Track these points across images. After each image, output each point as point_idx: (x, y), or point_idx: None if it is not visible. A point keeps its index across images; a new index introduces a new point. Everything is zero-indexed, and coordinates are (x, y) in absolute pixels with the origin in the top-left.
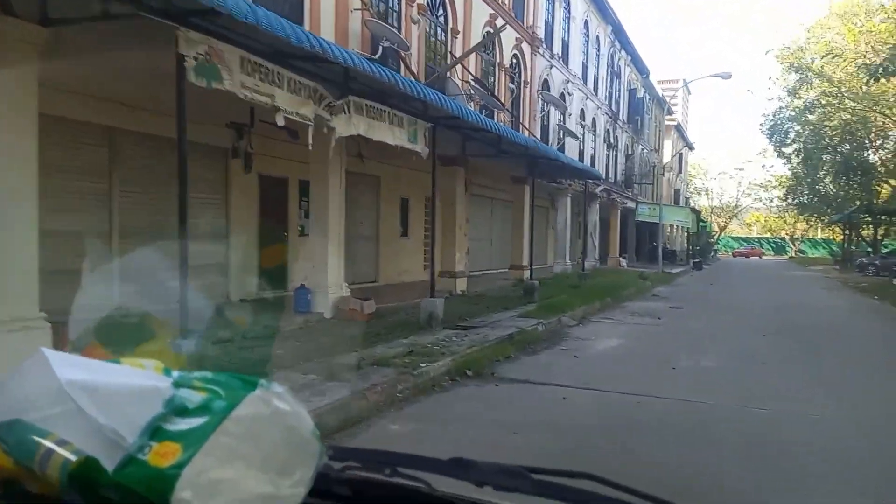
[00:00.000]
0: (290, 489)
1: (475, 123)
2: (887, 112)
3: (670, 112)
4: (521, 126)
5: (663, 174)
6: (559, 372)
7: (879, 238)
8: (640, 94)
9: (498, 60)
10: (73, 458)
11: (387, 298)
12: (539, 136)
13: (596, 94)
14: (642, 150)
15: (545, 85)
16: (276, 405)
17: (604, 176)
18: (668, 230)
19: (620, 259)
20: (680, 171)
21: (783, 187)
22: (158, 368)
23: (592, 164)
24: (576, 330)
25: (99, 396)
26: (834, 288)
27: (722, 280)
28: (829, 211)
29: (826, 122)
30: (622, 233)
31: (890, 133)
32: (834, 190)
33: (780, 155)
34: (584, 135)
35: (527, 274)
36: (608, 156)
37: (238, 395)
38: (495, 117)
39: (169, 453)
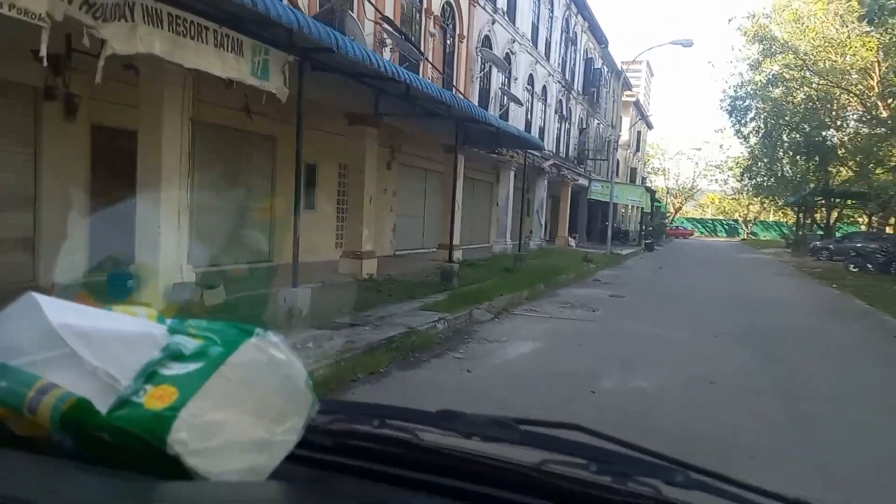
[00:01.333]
0: (283, 436)
1: (366, 64)
2: (851, 89)
3: (629, 87)
4: (454, 87)
5: (615, 150)
6: (432, 399)
7: (832, 222)
8: (598, 64)
9: (424, 6)
10: (65, 400)
11: (277, 283)
12: (478, 101)
13: (548, 59)
14: (598, 125)
15: (486, 42)
16: (272, 353)
17: (553, 150)
18: (623, 210)
19: (569, 239)
20: (637, 150)
21: (739, 168)
22: (152, 316)
23: (541, 135)
24: (487, 327)
25: (92, 341)
26: (789, 274)
27: (673, 262)
28: (784, 192)
29: (789, 98)
30: (573, 211)
31: (852, 113)
32: (791, 171)
33: (739, 135)
34: (532, 103)
35: (456, 254)
36: (560, 128)
37: (235, 341)
38: (422, 74)
39: (165, 396)
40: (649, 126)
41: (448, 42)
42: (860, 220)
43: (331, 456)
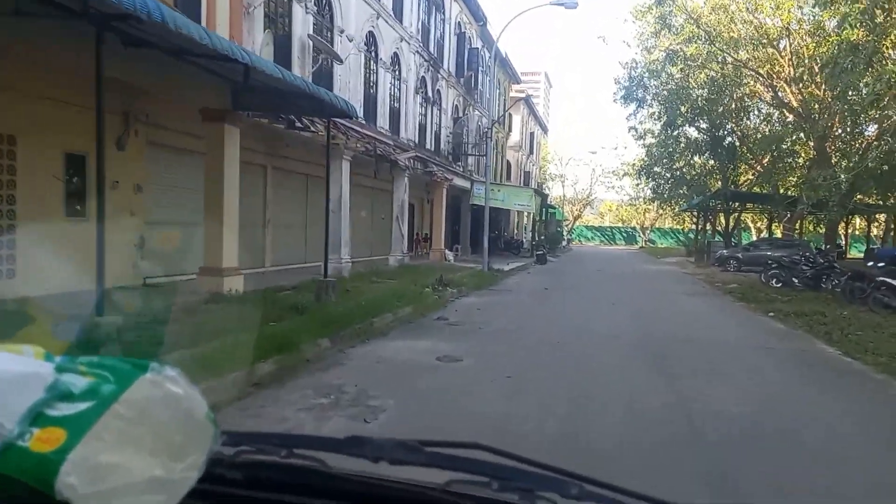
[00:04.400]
0: (182, 473)
1: None
2: (759, 69)
3: (516, 79)
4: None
5: (490, 140)
6: None
7: (731, 228)
8: (476, 43)
9: None
10: None
11: None
12: (274, 54)
13: (399, 20)
14: (480, 117)
15: None
16: (169, 388)
17: (414, 140)
18: (516, 217)
19: (447, 252)
20: (531, 153)
21: (635, 170)
22: (39, 354)
23: (395, 119)
24: None
25: None
26: (703, 293)
27: (565, 279)
28: (684, 195)
29: (689, 80)
30: (453, 218)
31: (755, 103)
32: (690, 171)
33: (633, 132)
34: (376, 71)
35: (229, 283)
36: (425, 114)
37: (128, 378)
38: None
39: (52, 439)
40: (544, 129)
41: None
42: (755, 225)
43: (237, 489)
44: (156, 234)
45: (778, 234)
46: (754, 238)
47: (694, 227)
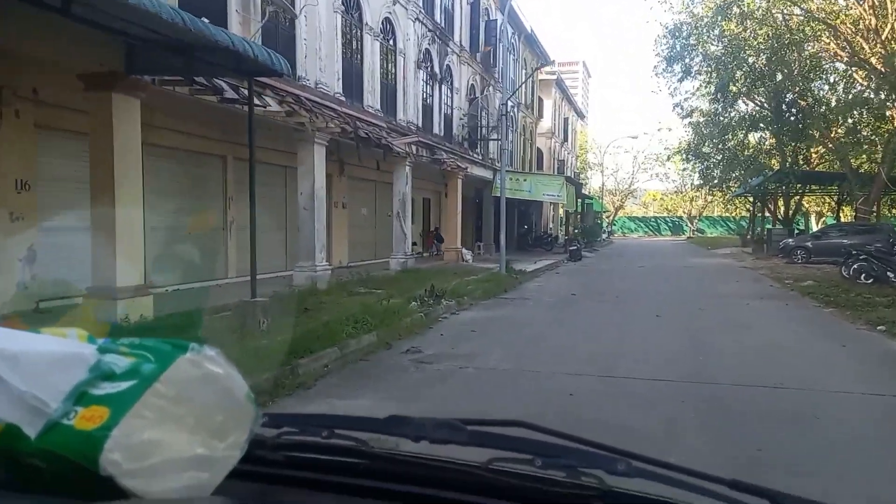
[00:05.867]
0: (225, 451)
1: None
2: (834, 22)
3: (546, 60)
4: None
5: (506, 119)
6: None
7: (791, 213)
8: (494, 15)
9: None
10: None
11: None
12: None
13: None
14: (504, 99)
15: None
16: (208, 368)
17: (417, 123)
18: (550, 210)
19: (463, 251)
20: (565, 140)
21: (681, 153)
22: (82, 336)
23: (390, 96)
24: None
25: (19, 364)
26: (774, 294)
27: (599, 280)
28: (737, 176)
29: (745, 37)
30: (475, 213)
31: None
32: (744, 151)
33: (678, 109)
34: (359, 36)
35: (128, 308)
36: (430, 93)
37: (168, 358)
38: None
39: (96, 416)
40: (580, 114)
41: None
42: (814, 210)
43: (280, 469)
44: (51, 244)
45: (844, 218)
46: (815, 225)
47: (748, 213)
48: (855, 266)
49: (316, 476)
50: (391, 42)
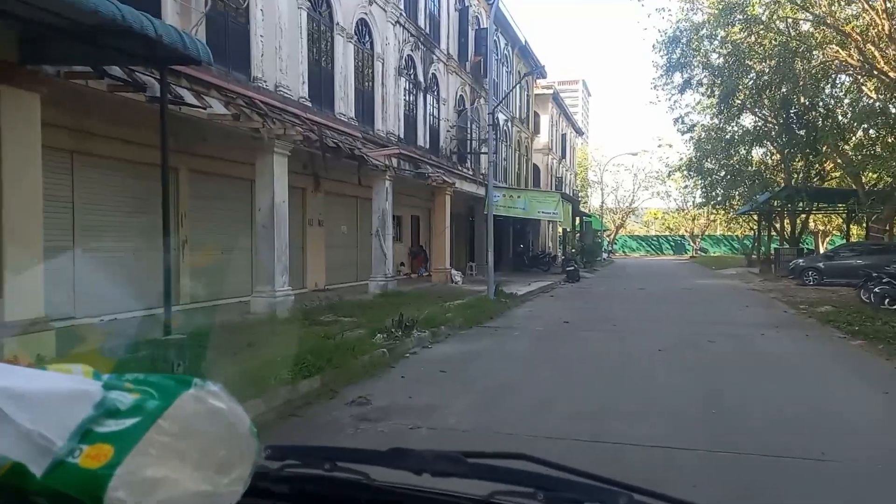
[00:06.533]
0: (228, 487)
1: None
2: (847, 29)
3: (541, 73)
4: None
5: (494, 130)
6: None
7: (797, 232)
8: (485, 23)
9: None
10: None
11: None
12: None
13: None
14: (491, 107)
15: None
16: (212, 403)
17: (399, 134)
18: (548, 228)
19: (452, 272)
20: (563, 157)
21: (682, 170)
22: (87, 372)
23: (367, 103)
24: None
25: (24, 402)
26: (790, 323)
27: (596, 304)
28: (741, 193)
29: (751, 46)
30: (466, 231)
31: (838, 71)
32: (748, 168)
33: (680, 123)
34: (327, 38)
35: (22, 344)
36: (413, 103)
37: (171, 394)
38: None
39: (101, 454)
40: (578, 131)
41: None
42: (820, 229)
43: (283, 503)
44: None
45: (853, 238)
46: (822, 245)
47: (752, 232)
48: (877, 290)
49: None
50: (368, 45)
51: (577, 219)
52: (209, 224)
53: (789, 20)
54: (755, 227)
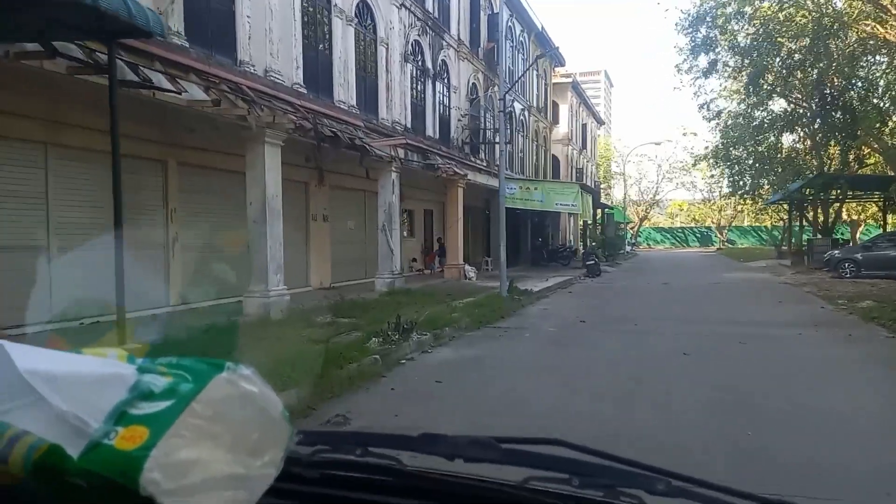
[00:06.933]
0: (261, 469)
1: None
2: (889, 3)
3: (559, 61)
4: None
5: (506, 117)
6: None
7: (830, 222)
8: (497, 7)
9: None
10: (36, 447)
11: None
12: None
13: None
14: (512, 101)
15: None
16: (244, 387)
17: (405, 122)
18: (570, 221)
19: (466, 268)
20: (584, 148)
21: (708, 159)
22: (122, 356)
23: (370, 91)
24: None
25: (60, 385)
26: (830, 321)
27: (615, 301)
28: (772, 181)
29: (781, 23)
30: (483, 225)
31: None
32: (777, 155)
33: (705, 110)
34: (323, 20)
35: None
36: (421, 90)
37: (205, 377)
38: None
39: (136, 436)
40: (598, 120)
41: None
42: (851, 217)
43: (315, 487)
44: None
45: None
46: (856, 235)
47: (781, 223)
48: None
49: (351, 494)
50: (370, 29)
51: (599, 211)
52: (202, 220)
53: None
54: (785, 217)
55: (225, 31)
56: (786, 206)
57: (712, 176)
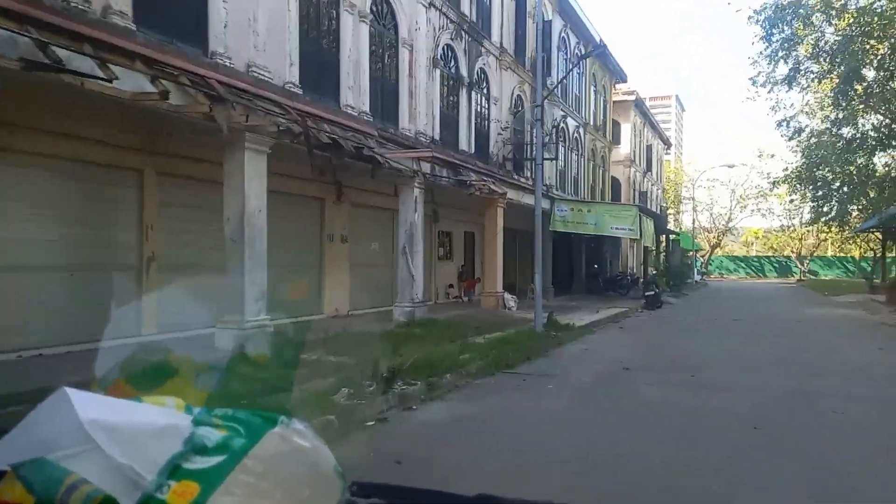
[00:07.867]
0: None
1: None
2: None
3: (621, 77)
4: None
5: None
6: None
7: None
8: (549, 16)
9: None
10: (93, 497)
11: None
12: None
13: None
14: (564, 117)
15: None
16: (296, 442)
17: (432, 133)
18: (634, 247)
19: (505, 296)
20: (648, 170)
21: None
22: (180, 406)
23: (388, 97)
24: None
25: (118, 435)
26: None
27: (674, 340)
28: (863, 206)
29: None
30: (529, 250)
31: None
32: (871, 175)
33: (784, 126)
34: (331, 14)
35: None
36: (454, 100)
37: (257, 432)
38: None
39: (187, 492)
40: (665, 142)
41: None
42: None
43: None
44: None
45: None
46: None
47: (872, 253)
48: None
49: None
50: (390, 29)
51: (663, 237)
52: (182, 237)
53: None
54: (877, 247)
55: (192, 16)
56: (879, 235)
57: (792, 201)
